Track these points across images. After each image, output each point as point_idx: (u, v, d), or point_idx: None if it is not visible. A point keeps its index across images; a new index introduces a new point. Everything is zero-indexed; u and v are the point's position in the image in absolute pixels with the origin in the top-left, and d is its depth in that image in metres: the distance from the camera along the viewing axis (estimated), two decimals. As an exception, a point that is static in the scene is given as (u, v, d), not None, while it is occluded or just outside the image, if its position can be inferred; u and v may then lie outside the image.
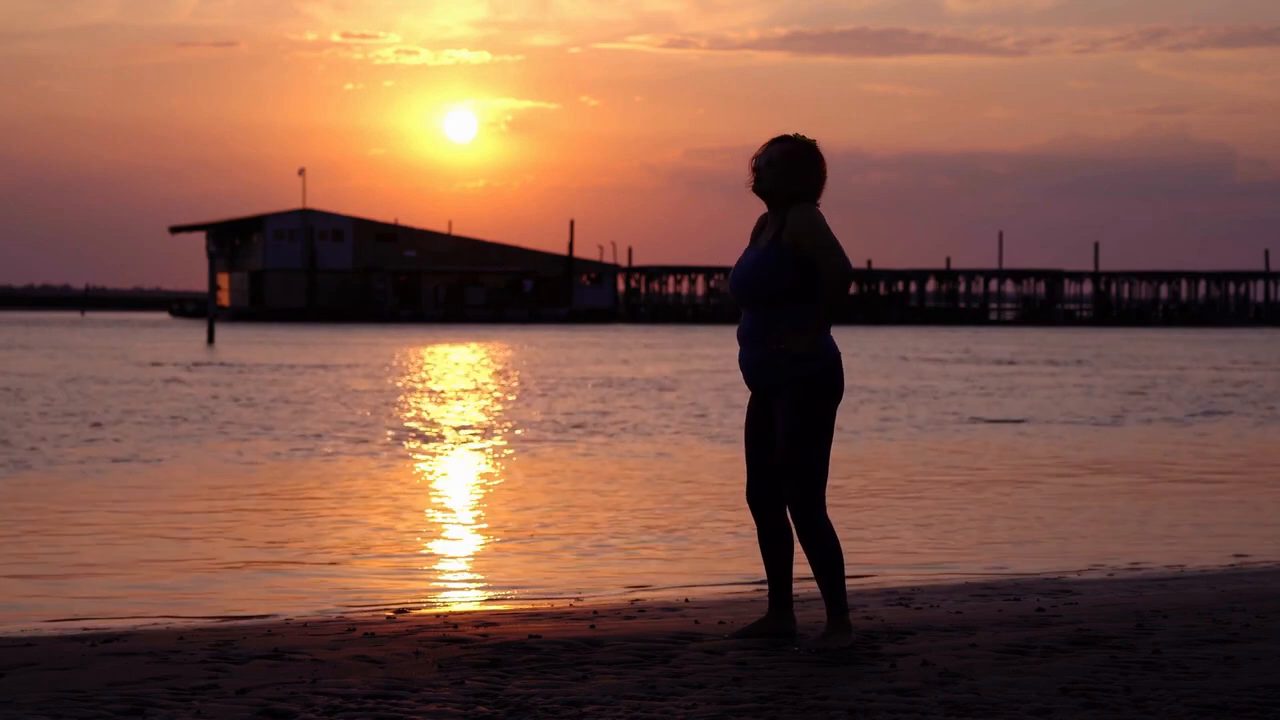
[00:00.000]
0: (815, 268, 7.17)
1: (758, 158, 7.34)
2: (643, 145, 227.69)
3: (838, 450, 19.79)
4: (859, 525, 13.98)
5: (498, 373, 44.19)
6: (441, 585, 11.12)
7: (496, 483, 17.94)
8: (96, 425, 24.86)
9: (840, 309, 7.26)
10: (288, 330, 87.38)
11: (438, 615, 8.91)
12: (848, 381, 38.12)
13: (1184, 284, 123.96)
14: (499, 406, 30.67)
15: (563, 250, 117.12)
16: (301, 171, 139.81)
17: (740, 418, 25.57)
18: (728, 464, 19.65)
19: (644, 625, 8.08)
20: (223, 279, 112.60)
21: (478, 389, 36.65)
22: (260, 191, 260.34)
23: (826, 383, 7.20)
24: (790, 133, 7.33)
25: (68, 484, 17.19)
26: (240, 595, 10.51)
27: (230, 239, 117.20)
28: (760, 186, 7.33)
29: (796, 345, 7.14)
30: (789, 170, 7.27)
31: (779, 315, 7.18)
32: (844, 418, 25.55)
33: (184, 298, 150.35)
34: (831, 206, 7.35)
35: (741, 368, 7.35)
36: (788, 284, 7.17)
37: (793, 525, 7.30)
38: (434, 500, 16.33)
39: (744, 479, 7.53)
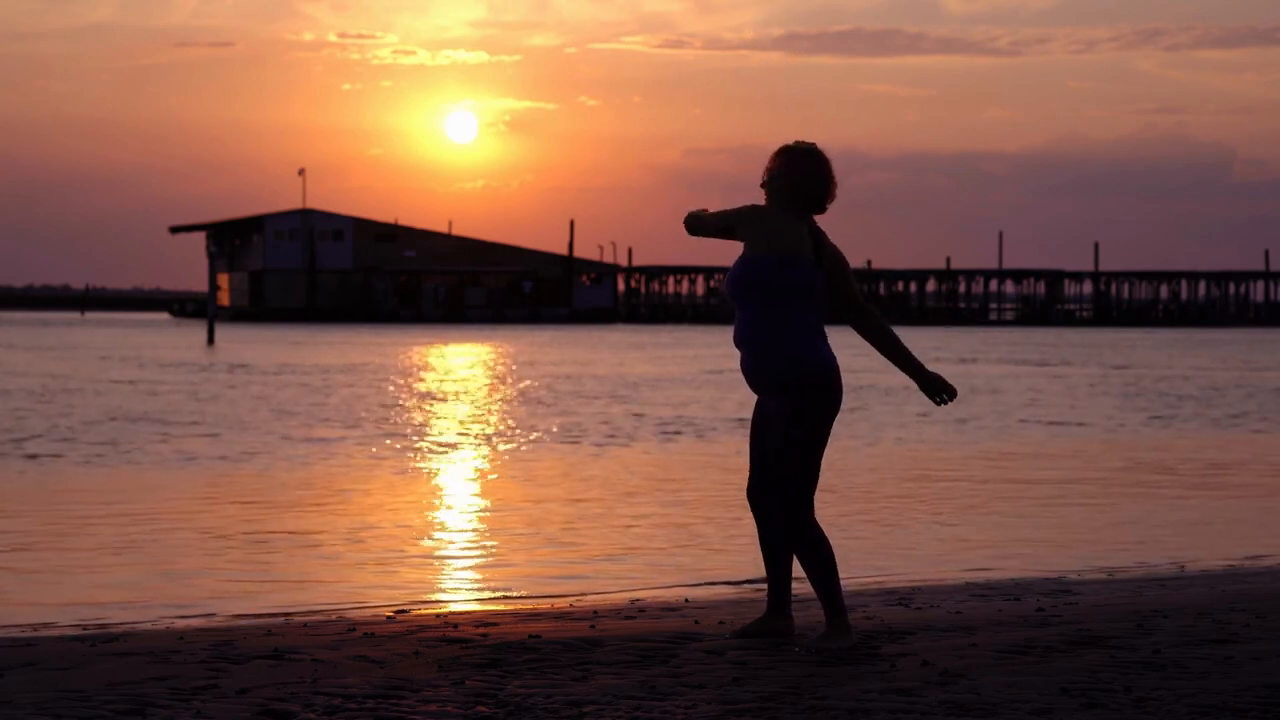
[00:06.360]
0: (792, 265, 7.20)
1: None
2: (641, 145, 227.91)
3: (844, 449, 19.81)
4: (859, 525, 13.98)
5: (497, 373, 44.18)
6: (441, 585, 11.12)
7: (496, 483, 17.93)
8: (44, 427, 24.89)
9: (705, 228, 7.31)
10: (288, 330, 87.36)
11: (438, 615, 8.91)
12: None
13: (1184, 284, 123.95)
14: (499, 406, 30.67)
15: (562, 250, 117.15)
16: (301, 171, 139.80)
17: (744, 415, 25.64)
18: (729, 463, 19.64)
19: (644, 625, 8.08)
20: (223, 279, 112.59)
21: (478, 389, 36.65)
22: (260, 191, 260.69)
23: (823, 390, 7.20)
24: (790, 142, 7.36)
25: (67, 484, 17.20)
26: (240, 595, 10.50)
27: (230, 239, 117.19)
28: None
29: None
30: (773, 183, 7.33)
31: (772, 314, 7.18)
32: (870, 419, 25.56)
33: (184, 298, 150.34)
34: (832, 206, 7.38)
35: (742, 370, 7.35)
36: (774, 280, 7.17)
37: (782, 528, 7.29)
38: (434, 500, 16.33)
39: (745, 477, 7.55)
